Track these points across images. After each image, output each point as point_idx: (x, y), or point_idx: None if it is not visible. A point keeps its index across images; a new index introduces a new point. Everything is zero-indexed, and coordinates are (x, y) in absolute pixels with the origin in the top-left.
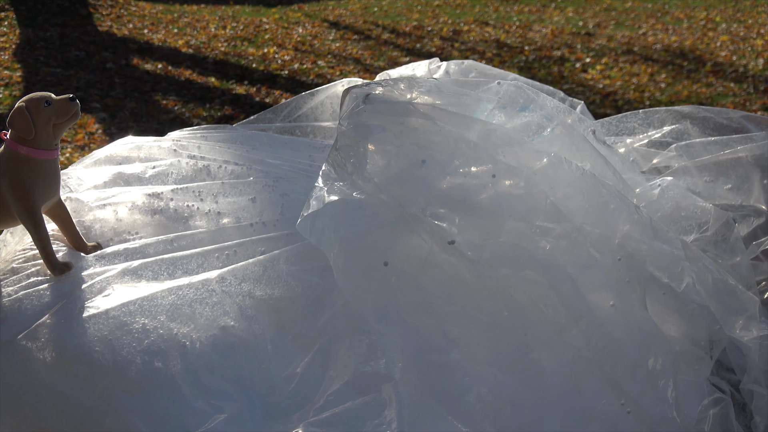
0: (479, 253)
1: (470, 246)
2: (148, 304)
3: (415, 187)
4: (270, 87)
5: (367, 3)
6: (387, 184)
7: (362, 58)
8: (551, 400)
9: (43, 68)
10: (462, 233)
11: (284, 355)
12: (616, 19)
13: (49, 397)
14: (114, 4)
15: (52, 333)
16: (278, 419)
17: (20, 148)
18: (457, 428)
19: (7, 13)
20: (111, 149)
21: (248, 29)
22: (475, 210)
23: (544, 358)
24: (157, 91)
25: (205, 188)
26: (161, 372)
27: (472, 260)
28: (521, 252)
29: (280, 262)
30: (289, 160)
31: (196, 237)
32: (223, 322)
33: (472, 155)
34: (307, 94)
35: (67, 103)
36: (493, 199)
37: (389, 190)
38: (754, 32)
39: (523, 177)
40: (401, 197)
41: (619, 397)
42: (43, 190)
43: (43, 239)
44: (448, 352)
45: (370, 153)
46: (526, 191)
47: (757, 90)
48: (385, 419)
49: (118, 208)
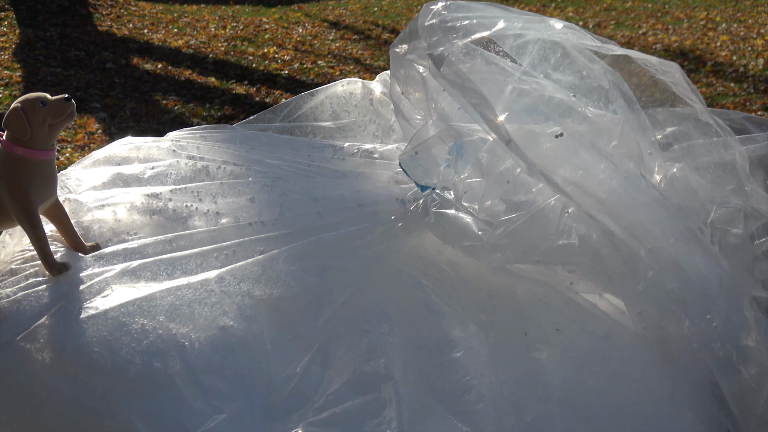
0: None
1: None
2: (147, 305)
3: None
4: (270, 87)
5: (367, 3)
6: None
7: (362, 58)
8: (552, 399)
9: (43, 68)
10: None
11: (284, 354)
12: (617, 19)
13: (48, 398)
14: (114, 4)
15: (51, 334)
16: (278, 419)
17: (17, 149)
18: (458, 427)
19: (7, 13)
20: (110, 150)
21: (248, 29)
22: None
23: (545, 357)
24: (157, 91)
25: (203, 188)
26: (160, 372)
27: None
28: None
29: (279, 262)
30: (288, 159)
31: (195, 237)
32: (222, 322)
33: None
34: (306, 94)
35: (62, 103)
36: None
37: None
38: (754, 32)
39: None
40: None
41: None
42: (40, 190)
43: (40, 240)
44: (449, 352)
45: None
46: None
47: (757, 90)
48: (385, 419)
49: (116, 209)
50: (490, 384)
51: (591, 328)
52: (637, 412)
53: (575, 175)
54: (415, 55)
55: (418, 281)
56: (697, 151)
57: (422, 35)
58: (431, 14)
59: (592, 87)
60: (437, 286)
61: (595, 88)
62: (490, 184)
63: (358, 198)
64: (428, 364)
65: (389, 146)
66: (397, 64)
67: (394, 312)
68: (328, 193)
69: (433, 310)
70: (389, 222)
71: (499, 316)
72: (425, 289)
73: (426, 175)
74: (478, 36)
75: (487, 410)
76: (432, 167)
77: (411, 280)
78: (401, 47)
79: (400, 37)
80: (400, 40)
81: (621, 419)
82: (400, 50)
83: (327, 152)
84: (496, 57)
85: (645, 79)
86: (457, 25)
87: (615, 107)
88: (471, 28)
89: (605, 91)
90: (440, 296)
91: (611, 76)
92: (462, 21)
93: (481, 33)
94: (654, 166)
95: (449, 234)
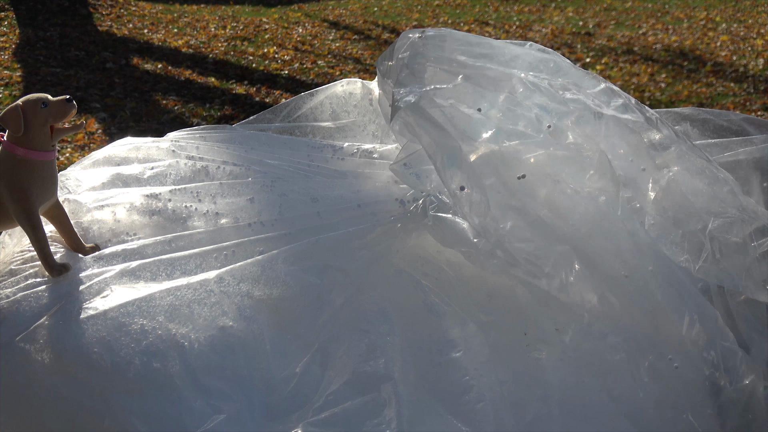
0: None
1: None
2: (147, 305)
3: None
4: (270, 87)
5: (367, 3)
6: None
7: (362, 58)
8: (551, 399)
9: (43, 68)
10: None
11: (283, 355)
12: (617, 19)
13: (47, 398)
14: (114, 4)
15: (51, 334)
16: (277, 419)
17: (17, 149)
18: (457, 427)
19: (7, 13)
20: (109, 150)
21: (248, 29)
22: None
23: (544, 357)
24: (157, 91)
25: (203, 189)
26: (160, 373)
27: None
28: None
29: (279, 262)
30: (288, 160)
31: (195, 237)
32: (222, 323)
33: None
34: (306, 94)
35: (63, 104)
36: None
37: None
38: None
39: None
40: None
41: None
42: (40, 191)
43: (40, 240)
44: (448, 352)
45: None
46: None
47: (757, 90)
48: (385, 419)
49: (116, 209)
50: (490, 384)
51: (590, 328)
52: (636, 412)
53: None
54: (390, 79)
55: (417, 281)
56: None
57: (394, 66)
58: (407, 45)
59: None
60: (437, 286)
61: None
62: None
63: (358, 198)
64: (428, 364)
65: (389, 146)
66: (381, 79)
67: (394, 312)
68: (328, 193)
69: (432, 310)
70: (389, 222)
71: (499, 316)
72: (425, 289)
73: (419, 181)
74: (441, 88)
75: (486, 410)
76: (424, 175)
77: (410, 280)
78: (384, 64)
79: (385, 53)
80: (384, 57)
81: (621, 419)
82: (383, 67)
83: (326, 152)
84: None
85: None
86: (424, 75)
87: (615, 105)
88: (435, 76)
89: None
90: (440, 296)
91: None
92: (429, 65)
93: (443, 85)
94: (647, 186)
95: (447, 237)
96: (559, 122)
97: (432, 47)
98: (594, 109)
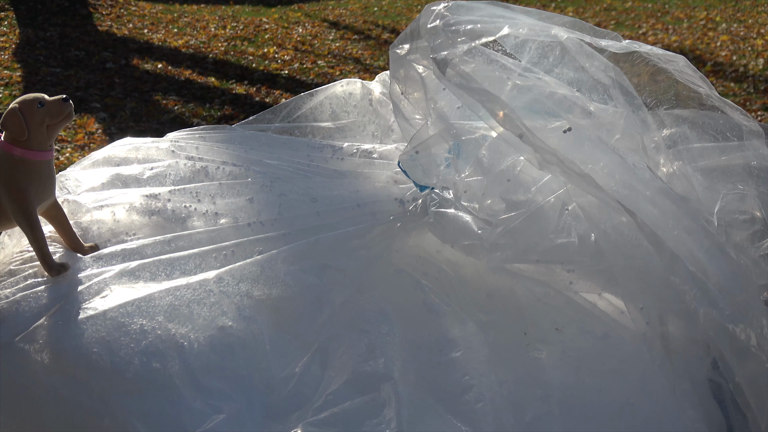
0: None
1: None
2: (146, 305)
3: None
4: (270, 87)
5: (367, 3)
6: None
7: (362, 58)
8: (551, 398)
9: (43, 68)
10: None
11: (283, 354)
12: (617, 19)
13: (47, 398)
14: (114, 4)
15: (50, 335)
16: (277, 419)
17: (15, 149)
18: (457, 427)
19: (7, 13)
20: (109, 150)
21: (248, 29)
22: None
23: (544, 357)
24: (157, 91)
25: (202, 189)
26: (159, 373)
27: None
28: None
29: (278, 262)
30: (287, 160)
31: (194, 237)
32: (221, 323)
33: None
34: (306, 94)
35: (60, 104)
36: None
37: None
38: (754, 32)
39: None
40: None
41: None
42: (38, 191)
43: (39, 240)
44: (448, 351)
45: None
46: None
47: (757, 90)
48: (385, 418)
49: (115, 209)
50: (490, 383)
51: (590, 327)
52: (636, 411)
53: (584, 169)
54: (417, 55)
55: (417, 281)
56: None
57: (425, 37)
58: (433, 15)
59: (592, 84)
60: (436, 286)
61: (595, 85)
62: (491, 183)
63: (357, 198)
64: (427, 363)
65: (388, 146)
66: (396, 64)
67: (394, 312)
68: (327, 193)
69: (432, 309)
70: (388, 222)
71: (499, 315)
72: (424, 289)
73: (426, 175)
74: (483, 41)
75: (486, 410)
76: (431, 167)
77: (410, 279)
78: (402, 47)
79: (401, 38)
80: (400, 41)
81: (621, 418)
82: (401, 51)
83: (326, 152)
84: (497, 54)
85: (646, 78)
86: (461, 29)
87: (615, 104)
88: (475, 31)
89: (606, 87)
90: (439, 296)
91: (612, 72)
92: (466, 25)
93: (486, 38)
94: (659, 158)
95: (448, 233)
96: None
97: (463, 12)
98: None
